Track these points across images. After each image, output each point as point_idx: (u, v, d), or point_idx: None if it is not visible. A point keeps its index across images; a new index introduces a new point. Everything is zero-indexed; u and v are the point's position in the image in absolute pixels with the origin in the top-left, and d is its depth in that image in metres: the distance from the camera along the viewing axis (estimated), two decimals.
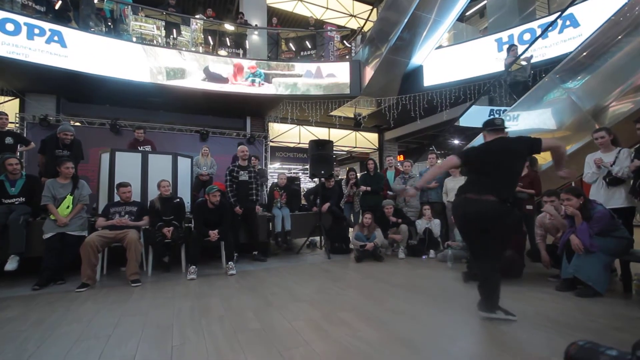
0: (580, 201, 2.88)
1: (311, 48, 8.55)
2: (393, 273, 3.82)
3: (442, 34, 7.15)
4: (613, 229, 2.80)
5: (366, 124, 10.18)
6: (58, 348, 1.90)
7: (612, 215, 2.84)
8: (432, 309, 2.53)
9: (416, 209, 5.20)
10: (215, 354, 1.81)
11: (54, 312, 2.53)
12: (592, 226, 2.77)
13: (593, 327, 2.10)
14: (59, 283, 3.35)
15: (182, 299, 2.85)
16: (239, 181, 4.52)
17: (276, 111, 8.64)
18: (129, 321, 2.33)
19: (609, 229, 2.79)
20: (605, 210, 2.86)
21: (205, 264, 4.22)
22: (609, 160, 3.22)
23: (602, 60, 4.14)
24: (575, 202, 2.87)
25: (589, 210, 2.85)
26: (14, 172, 3.56)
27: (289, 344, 1.92)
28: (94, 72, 6.20)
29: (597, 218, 2.78)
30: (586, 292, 2.72)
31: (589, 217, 2.81)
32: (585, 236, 2.75)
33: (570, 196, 2.90)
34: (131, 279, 3.34)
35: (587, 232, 2.75)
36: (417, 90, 7.62)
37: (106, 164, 4.30)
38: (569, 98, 4.38)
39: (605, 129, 3.36)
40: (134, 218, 3.76)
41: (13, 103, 7.00)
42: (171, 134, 7.64)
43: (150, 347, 1.91)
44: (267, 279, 3.61)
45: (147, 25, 7.15)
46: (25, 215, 3.47)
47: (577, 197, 2.88)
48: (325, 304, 2.67)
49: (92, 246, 3.28)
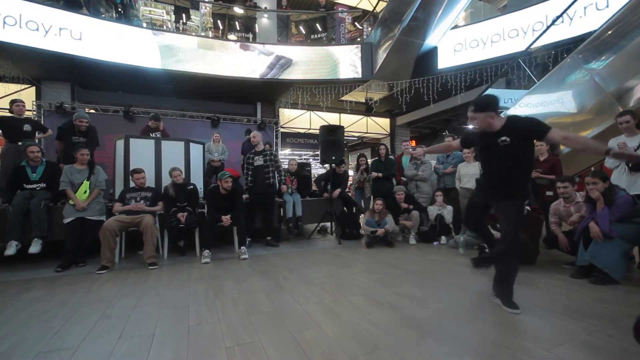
0: (606, 185, 2.79)
1: (322, 31, 8.36)
2: (404, 259, 3.83)
3: (458, 13, 6.86)
4: (634, 214, 2.72)
5: (378, 109, 10.01)
6: (81, 326, 1.99)
7: (634, 201, 2.75)
8: (443, 294, 2.54)
9: (428, 195, 5.15)
10: (230, 333, 1.87)
11: (76, 292, 2.65)
12: (613, 212, 2.69)
13: (608, 314, 2.07)
14: (80, 265, 3.50)
15: (197, 282, 2.93)
16: (254, 167, 4.55)
17: (287, 96, 8.57)
18: (147, 302, 2.42)
19: (630, 215, 2.71)
20: (628, 196, 2.77)
21: (219, 249, 4.32)
22: (633, 145, 3.09)
23: (628, 39, 3.91)
24: (601, 187, 2.78)
25: (613, 195, 2.77)
26: (35, 160, 3.68)
27: (301, 326, 1.96)
28: (105, 59, 6.25)
29: (619, 204, 2.70)
30: (602, 279, 2.66)
31: (612, 202, 2.73)
32: (605, 222, 2.67)
33: (597, 180, 2.80)
34: (148, 262, 3.45)
35: (607, 218, 2.67)
36: (431, 73, 7.39)
37: (121, 150, 4.38)
38: (592, 79, 4.18)
39: (630, 112, 3.21)
40: (149, 203, 3.85)
41: (29, 91, 7.15)
42: (183, 120, 7.71)
43: (168, 326, 1.99)
44: (279, 263, 3.68)
45: (156, 10, 7.12)
46: (46, 201, 3.60)
47: (603, 182, 2.79)
48: (336, 288, 2.71)
49: (110, 230, 3.39)
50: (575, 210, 3.22)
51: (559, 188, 3.27)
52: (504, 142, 2.15)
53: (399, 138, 10.85)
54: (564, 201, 3.31)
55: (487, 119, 2.19)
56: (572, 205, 3.26)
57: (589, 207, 2.95)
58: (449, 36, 7.32)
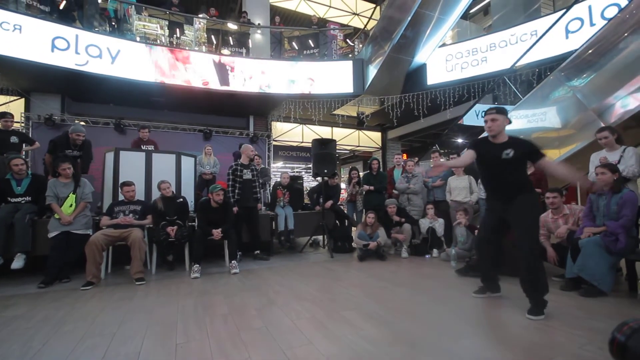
0: (615, 177, 2.87)
1: (314, 47, 8.53)
2: (396, 272, 3.81)
3: (445, 32, 7.11)
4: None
5: (369, 122, 10.15)
6: (63, 345, 1.92)
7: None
8: (436, 308, 2.53)
9: (419, 208, 5.19)
10: (219, 352, 1.82)
11: (59, 310, 2.55)
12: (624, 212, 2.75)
13: (598, 326, 2.09)
14: (64, 281, 3.39)
15: (185, 297, 2.86)
16: (243, 180, 4.53)
17: (279, 110, 8.64)
18: (133, 319, 2.35)
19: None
20: (634, 193, 2.84)
21: (209, 263, 4.24)
22: (614, 159, 3.19)
23: (607, 58, 4.10)
24: (609, 177, 2.86)
25: (620, 185, 2.86)
26: (20, 173, 3.60)
27: (292, 342, 1.92)
28: (97, 72, 6.23)
29: (627, 198, 2.77)
30: (591, 291, 2.69)
31: (619, 190, 2.82)
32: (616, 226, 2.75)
33: (606, 170, 2.88)
34: (135, 277, 3.36)
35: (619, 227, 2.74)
36: (421, 88, 7.58)
37: (110, 163, 4.33)
38: (574, 96, 4.34)
39: (609, 128, 3.32)
40: (138, 217, 3.78)
41: (18, 103, 7.05)
42: (175, 133, 7.67)
43: (155, 344, 1.92)
44: (270, 277, 3.62)
45: (150, 25, 7.18)
46: (31, 214, 3.51)
47: (612, 173, 2.87)
48: (328, 303, 2.68)
49: (96, 245, 3.31)
50: (563, 222, 3.28)
51: (548, 198, 3.33)
52: (507, 155, 2.31)
53: (390, 152, 10.99)
54: (551, 213, 3.37)
55: (504, 124, 2.38)
56: (559, 217, 3.32)
57: (585, 219, 3.04)
58: (437, 53, 7.56)
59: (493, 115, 2.38)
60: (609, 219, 2.83)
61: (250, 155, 4.66)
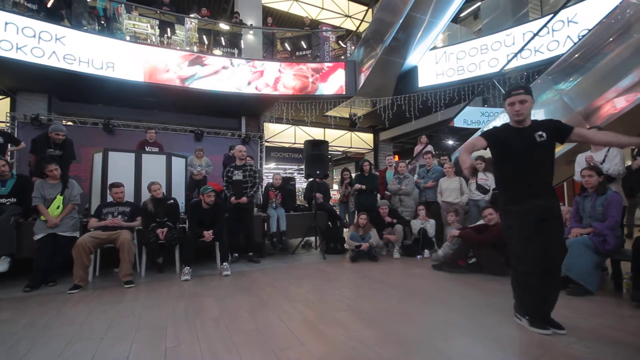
0: (600, 179, 2.97)
1: (306, 48, 8.54)
2: (388, 273, 3.83)
3: (436, 35, 7.20)
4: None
5: (361, 124, 10.20)
6: (50, 350, 1.87)
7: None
8: (427, 309, 2.54)
9: (411, 209, 5.23)
10: (210, 355, 1.79)
11: (45, 314, 2.49)
12: (610, 213, 2.82)
13: (584, 325, 2.13)
14: (50, 285, 3.31)
15: (176, 300, 2.82)
16: (232, 181, 4.52)
17: (271, 111, 8.62)
18: (122, 323, 2.30)
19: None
20: (618, 195, 2.94)
21: (200, 265, 4.19)
22: (599, 158, 3.28)
23: (593, 62, 4.20)
24: (596, 180, 2.95)
25: (604, 188, 2.95)
26: (3, 174, 3.51)
27: (284, 344, 1.91)
28: (86, 71, 6.12)
29: (612, 200, 2.84)
30: (577, 290, 2.75)
31: (604, 192, 2.90)
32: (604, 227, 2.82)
33: (593, 173, 2.96)
34: (124, 280, 3.30)
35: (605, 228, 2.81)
36: (412, 90, 7.66)
37: (99, 164, 4.25)
38: (561, 99, 4.43)
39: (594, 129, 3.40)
40: (127, 218, 3.72)
41: (4, 102, 6.89)
42: (165, 133, 7.58)
43: (144, 348, 1.89)
44: (262, 279, 3.60)
45: (140, 24, 7.09)
46: (15, 216, 3.42)
47: (598, 175, 2.97)
48: (321, 304, 2.67)
49: (84, 247, 3.24)
50: None
51: None
52: (541, 138, 1.96)
53: (383, 153, 11.06)
54: None
55: (532, 105, 2.02)
56: None
57: (573, 220, 3.11)
58: (428, 56, 7.65)
59: (522, 96, 1.98)
60: (595, 220, 2.90)
61: (238, 156, 4.64)
